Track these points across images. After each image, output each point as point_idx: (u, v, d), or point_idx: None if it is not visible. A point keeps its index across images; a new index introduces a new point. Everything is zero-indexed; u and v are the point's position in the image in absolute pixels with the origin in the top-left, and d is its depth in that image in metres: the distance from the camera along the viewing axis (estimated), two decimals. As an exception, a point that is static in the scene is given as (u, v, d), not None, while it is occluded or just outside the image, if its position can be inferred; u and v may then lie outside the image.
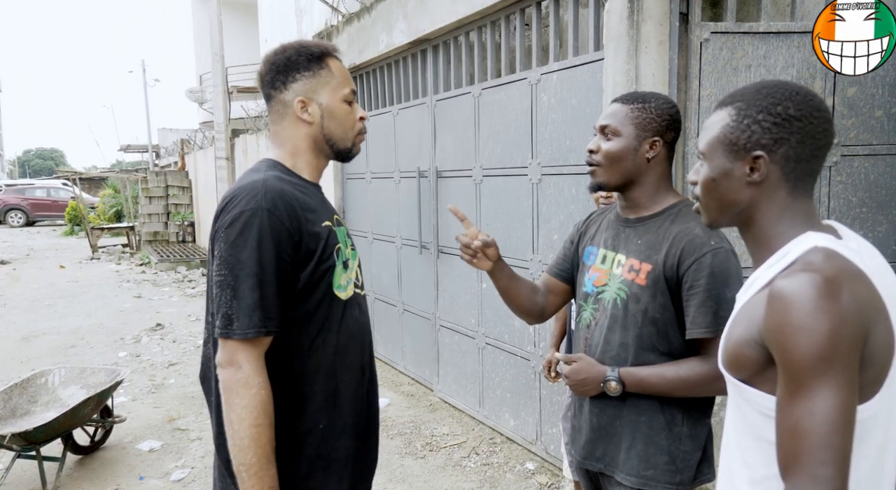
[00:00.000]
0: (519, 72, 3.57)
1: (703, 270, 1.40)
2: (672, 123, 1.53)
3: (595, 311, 1.59)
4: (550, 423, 3.47)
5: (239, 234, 1.23)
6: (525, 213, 3.55)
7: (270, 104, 1.41)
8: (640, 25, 2.66)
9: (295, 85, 1.36)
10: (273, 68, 1.38)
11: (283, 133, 1.40)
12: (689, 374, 1.42)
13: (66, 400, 3.85)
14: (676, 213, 1.52)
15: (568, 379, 1.56)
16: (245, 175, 1.35)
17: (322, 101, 1.38)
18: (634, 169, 1.52)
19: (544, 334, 3.48)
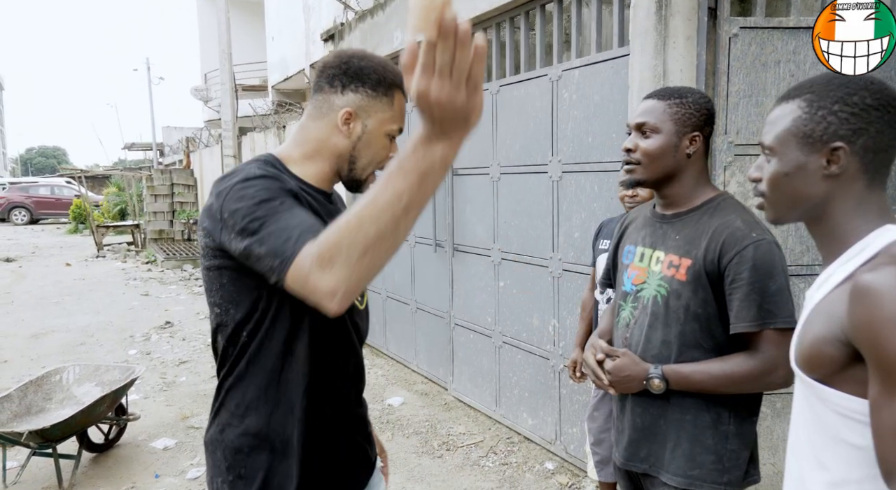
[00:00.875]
0: (539, 68, 3.54)
1: (746, 263, 1.37)
2: (710, 118, 1.53)
3: (634, 310, 1.57)
4: (570, 423, 3.44)
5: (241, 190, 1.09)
6: (545, 210, 3.52)
7: (315, 97, 1.30)
8: (668, 20, 2.64)
9: (352, 95, 1.25)
10: (342, 68, 1.27)
11: (312, 131, 1.29)
12: (735, 369, 1.40)
13: (81, 398, 3.83)
14: (715, 206, 1.50)
15: (610, 375, 1.53)
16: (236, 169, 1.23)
17: (368, 124, 1.27)
18: (674, 165, 1.51)
19: (564, 333, 3.45)
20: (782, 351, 1.35)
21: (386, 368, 5.37)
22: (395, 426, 4.12)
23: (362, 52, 1.30)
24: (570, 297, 3.39)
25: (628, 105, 2.86)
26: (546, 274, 3.55)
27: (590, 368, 1.58)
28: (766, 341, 1.38)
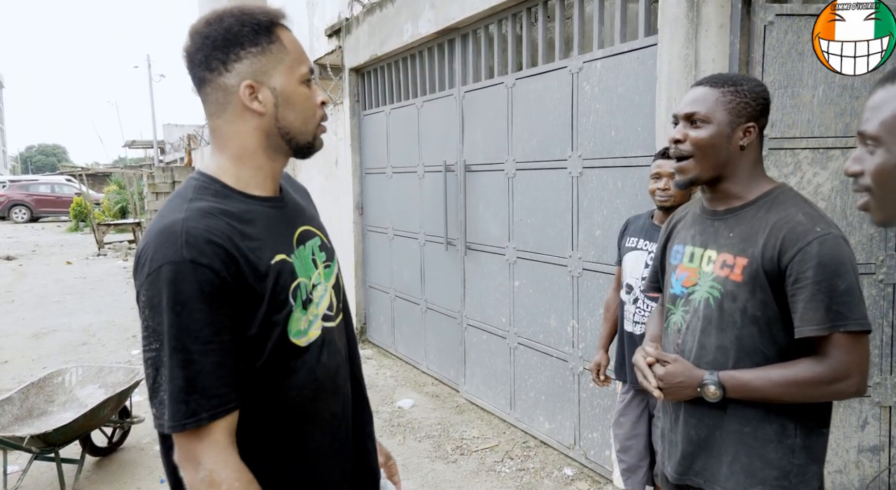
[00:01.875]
0: (558, 60, 3.42)
1: (810, 261, 1.26)
2: (766, 107, 1.42)
3: (686, 314, 1.45)
4: (590, 427, 3.33)
5: (156, 297, 0.97)
6: (563, 208, 3.41)
7: (204, 91, 1.09)
8: (700, 7, 2.52)
9: (239, 65, 1.05)
10: (207, 43, 1.05)
11: (224, 129, 1.09)
12: (801, 375, 1.28)
13: (84, 400, 3.72)
14: (773, 200, 1.38)
15: (661, 381, 1.41)
16: (164, 209, 1.07)
17: (275, 84, 1.08)
18: (727, 158, 1.39)
19: (584, 335, 3.34)
20: (854, 356, 1.26)
21: (395, 369, 5.25)
22: (407, 429, 4.01)
23: (213, 16, 1.07)
24: (590, 297, 3.27)
25: (656, 97, 2.74)
26: (565, 273, 3.44)
27: (641, 373, 1.46)
28: (835, 346, 1.26)
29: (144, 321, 1.00)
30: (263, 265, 1.05)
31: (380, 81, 5.54)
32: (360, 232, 5.98)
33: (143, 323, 1.00)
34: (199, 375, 0.97)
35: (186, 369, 0.97)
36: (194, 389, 0.97)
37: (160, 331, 0.97)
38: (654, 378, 1.42)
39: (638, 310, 2.44)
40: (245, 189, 1.11)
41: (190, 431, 0.97)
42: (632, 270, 2.47)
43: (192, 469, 0.98)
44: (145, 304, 0.99)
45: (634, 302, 2.46)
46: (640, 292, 2.44)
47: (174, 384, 0.96)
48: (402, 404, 4.43)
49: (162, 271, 0.97)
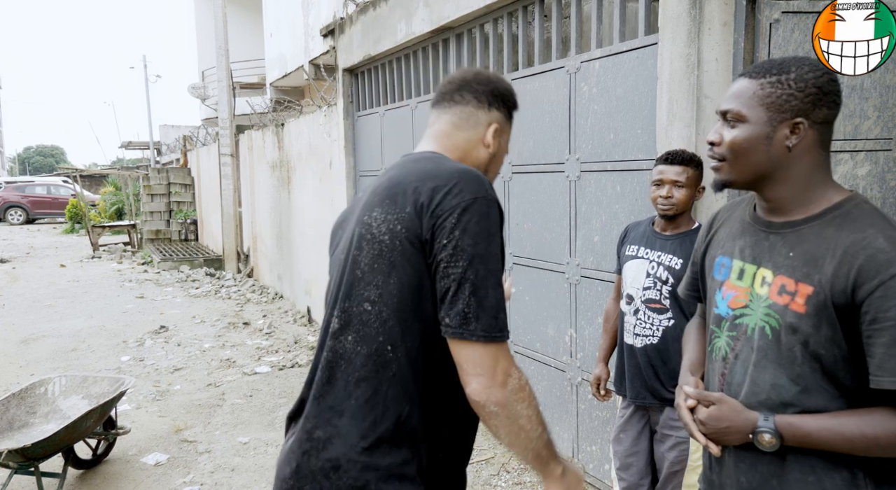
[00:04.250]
0: (555, 60, 3.31)
1: (894, 298, 1.05)
2: (822, 97, 1.16)
3: (733, 340, 1.26)
4: (589, 440, 3.22)
5: (478, 223, 1.13)
6: (561, 213, 3.30)
7: (459, 108, 1.34)
8: (703, 5, 2.41)
9: (496, 113, 1.35)
10: (490, 85, 1.35)
11: (458, 140, 1.34)
12: (879, 432, 1.09)
13: (67, 411, 3.61)
14: (844, 214, 1.15)
15: (704, 426, 1.24)
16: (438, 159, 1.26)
17: (502, 142, 1.38)
18: (769, 162, 1.19)
19: (582, 344, 3.23)
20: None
21: (389, 376, 5.14)
22: (400, 440, 3.90)
23: (497, 75, 1.39)
24: (589, 305, 3.16)
25: (657, 98, 2.63)
26: (562, 280, 3.33)
27: (682, 419, 1.30)
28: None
29: (452, 240, 1.11)
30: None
31: (374, 82, 5.43)
32: (354, 235, 5.86)
33: (450, 242, 1.12)
34: (501, 299, 1.13)
35: (497, 289, 1.12)
36: (500, 309, 1.13)
37: (473, 251, 1.11)
38: (696, 423, 1.26)
39: (639, 322, 2.33)
40: None
41: (499, 343, 1.12)
42: (632, 280, 2.36)
43: (503, 381, 1.11)
44: (458, 226, 1.11)
45: (635, 313, 2.35)
46: (642, 303, 2.33)
47: (489, 301, 1.11)
48: (396, 413, 4.31)
49: (478, 202, 1.14)
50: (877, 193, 2.36)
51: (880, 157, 2.34)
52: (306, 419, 1.22)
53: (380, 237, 1.17)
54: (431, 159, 1.26)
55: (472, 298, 1.10)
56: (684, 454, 2.27)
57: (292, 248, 7.81)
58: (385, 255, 1.16)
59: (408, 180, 1.19)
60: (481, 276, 1.10)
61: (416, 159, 1.29)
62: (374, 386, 1.17)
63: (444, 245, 1.12)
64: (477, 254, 1.11)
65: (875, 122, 2.32)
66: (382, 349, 1.16)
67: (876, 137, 2.33)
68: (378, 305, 1.17)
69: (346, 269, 1.23)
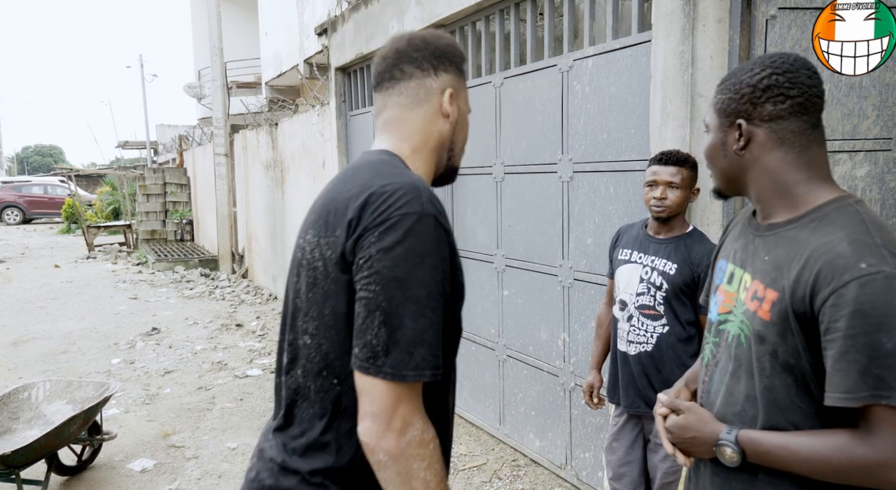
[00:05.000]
0: (547, 58, 3.24)
1: (844, 307, 0.96)
2: (760, 94, 1.10)
3: (716, 347, 1.21)
4: (583, 447, 3.15)
5: (402, 242, 0.98)
6: (554, 214, 3.22)
7: (404, 84, 1.18)
8: (697, 1, 2.34)
9: (445, 75, 1.20)
10: (429, 47, 1.19)
11: (413, 122, 1.19)
12: (834, 456, 0.99)
13: (51, 417, 3.53)
14: (822, 217, 1.07)
15: (671, 434, 1.20)
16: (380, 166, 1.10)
17: (461, 105, 1.23)
18: (730, 167, 1.17)
19: (575, 348, 3.16)
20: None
21: (382, 379, 5.06)
22: (392, 445, 3.82)
23: (429, 33, 1.22)
24: (582, 309, 3.09)
25: (650, 97, 2.56)
26: (555, 283, 3.26)
27: (656, 427, 1.26)
28: (881, 422, 0.95)
29: (368, 261, 0.98)
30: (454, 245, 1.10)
31: (366, 81, 5.36)
32: (347, 236, 5.79)
33: (366, 262, 0.98)
34: (426, 331, 0.97)
35: (420, 321, 0.97)
36: (420, 343, 0.96)
37: (388, 275, 0.97)
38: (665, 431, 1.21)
39: (633, 328, 2.26)
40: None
41: (408, 384, 0.97)
42: (626, 285, 2.29)
43: (400, 429, 0.96)
44: (375, 244, 0.98)
45: (629, 319, 2.28)
46: (636, 309, 2.26)
47: (403, 333, 0.96)
48: (387, 418, 4.24)
49: (407, 218, 0.99)
50: (876, 194, 2.29)
51: (880, 158, 2.27)
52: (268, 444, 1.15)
53: (313, 263, 1.07)
54: (373, 167, 1.10)
55: (382, 329, 0.96)
56: (678, 465, 2.20)
57: (286, 248, 7.73)
58: (319, 284, 1.05)
59: (341, 197, 1.06)
60: (397, 304, 0.96)
61: (357, 167, 1.14)
62: (328, 422, 1.06)
63: (361, 266, 0.99)
64: (395, 277, 0.96)
65: (874, 121, 2.25)
66: (328, 384, 1.06)
67: (875, 137, 2.26)
68: (317, 338, 1.06)
69: (288, 298, 1.14)
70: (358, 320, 0.99)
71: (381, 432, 0.96)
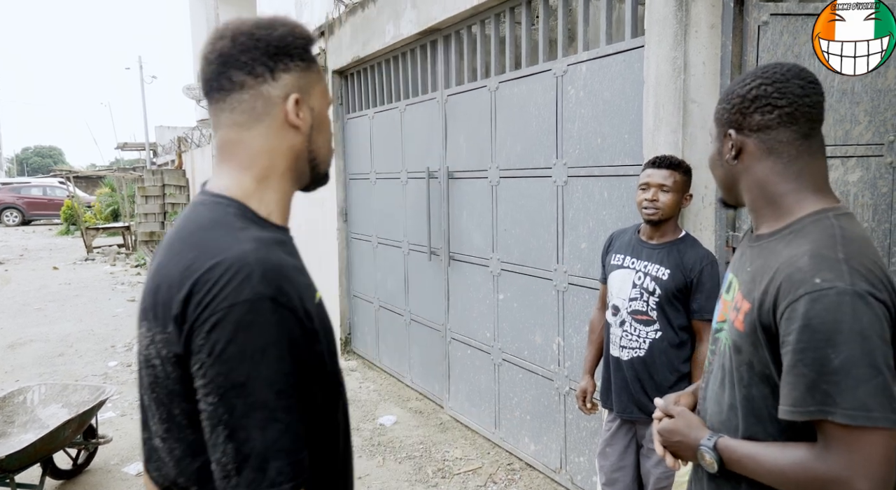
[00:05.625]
0: (542, 63, 3.24)
1: (796, 321, 0.96)
2: (748, 104, 1.11)
3: (712, 355, 1.24)
4: (577, 451, 3.15)
5: (233, 341, 0.83)
6: (548, 218, 3.23)
7: (236, 97, 0.95)
8: (690, 7, 2.34)
9: (287, 77, 0.96)
10: (256, 47, 0.94)
11: (253, 144, 0.96)
12: (792, 468, 0.99)
13: (46, 421, 3.53)
14: (798, 230, 1.07)
15: (661, 437, 1.23)
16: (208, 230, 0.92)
17: (314, 104, 1.00)
18: (726, 176, 1.19)
19: (570, 353, 3.16)
20: (860, 457, 0.93)
21: (379, 382, 5.07)
22: (387, 449, 3.83)
23: (261, 20, 0.97)
24: (576, 313, 3.10)
25: (643, 102, 2.56)
26: (550, 287, 3.26)
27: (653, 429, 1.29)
28: (832, 438, 0.95)
29: (201, 368, 0.84)
30: (315, 307, 0.94)
31: (363, 84, 5.36)
32: (344, 239, 5.79)
33: (200, 369, 0.84)
34: (279, 439, 0.83)
35: (270, 427, 0.83)
36: (274, 455, 0.83)
37: (224, 383, 0.83)
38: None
39: (626, 333, 2.26)
40: (268, 217, 0.98)
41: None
42: (618, 291, 2.29)
43: None
44: (205, 348, 0.83)
45: (621, 325, 2.28)
46: (628, 314, 2.26)
47: (252, 446, 0.82)
48: (383, 421, 4.24)
49: (235, 310, 0.83)
50: (868, 200, 2.29)
51: (872, 163, 2.27)
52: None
53: (151, 361, 0.92)
54: (200, 236, 0.91)
55: (228, 445, 0.83)
56: (671, 470, 2.19)
57: (284, 251, 7.73)
58: (161, 384, 0.91)
59: (166, 283, 0.89)
60: (239, 415, 0.82)
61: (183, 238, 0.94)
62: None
63: (196, 372, 0.85)
64: (233, 384, 0.82)
65: (866, 126, 2.25)
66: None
67: (867, 143, 2.26)
68: (169, 441, 0.93)
69: (139, 388, 1.00)
70: (206, 434, 0.86)
71: None
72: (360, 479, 3.47)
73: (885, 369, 0.93)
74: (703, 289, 2.16)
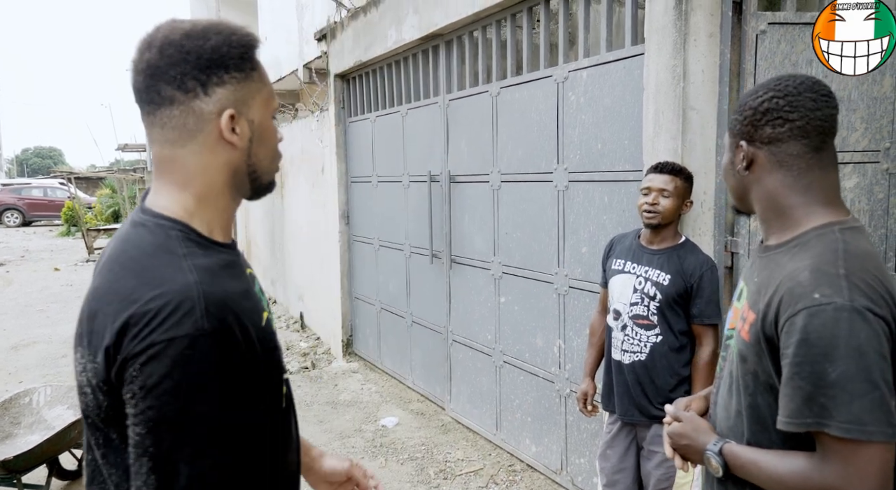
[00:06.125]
0: (543, 69, 3.28)
1: (794, 335, 0.99)
2: (760, 117, 1.12)
3: (723, 361, 1.28)
4: (578, 452, 3.19)
5: (169, 375, 0.80)
6: (549, 222, 3.27)
7: (167, 113, 0.91)
8: (689, 16, 2.38)
9: (221, 90, 0.91)
10: (187, 60, 0.89)
11: (189, 162, 0.93)
12: (788, 475, 1.03)
13: (52, 422, 3.56)
14: (802, 244, 1.09)
15: (670, 439, 1.27)
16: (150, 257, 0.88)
17: (253, 116, 0.96)
18: (738, 186, 1.21)
19: (571, 355, 3.20)
20: (855, 469, 0.96)
21: (380, 384, 5.11)
22: (389, 450, 3.86)
23: (192, 27, 0.92)
24: (577, 316, 3.14)
25: (643, 109, 2.60)
26: (551, 290, 3.30)
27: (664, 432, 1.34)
28: (829, 450, 0.98)
29: (132, 398, 0.82)
30: (260, 331, 0.93)
31: (365, 88, 5.40)
32: (346, 242, 5.83)
33: (131, 399, 0.82)
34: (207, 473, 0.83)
35: (193, 465, 0.81)
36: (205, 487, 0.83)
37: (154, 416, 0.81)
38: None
39: (627, 337, 2.30)
40: (211, 235, 0.95)
41: None
42: (619, 295, 2.33)
43: None
44: (137, 379, 0.81)
45: (623, 329, 2.32)
46: (629, 318, 2.30)
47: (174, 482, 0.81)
48: (385, 422, 4.28)
49: (173, 345, 0.80)
50: (865, 206, 2.33)
51: (868, 170, 2.31)
52: None
53: (83, 388, 0.90)
54: (139, 262, 0.88)
55: (151, 477, 0.81)
56: (671, 472, 2.24)
57: (285, 253, 7.77)
58: (93, 411, 0.90)
59: (103, 308, 0.87)
60: (167, 449, 0.80)
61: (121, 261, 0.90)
62: None
63: (127, 401, 0.83)
64: (164, 418, 0.80)
65: (863, 133, 2.29)
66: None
67: (864, 149, 2.30)
68: (107, 467, 0.91)
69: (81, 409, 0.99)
70: (130, 460, 0.84)
71: None
72: (363, 480, 3.50)
73: (881, 384, 0.95)
74: (703, 293, 2.20)
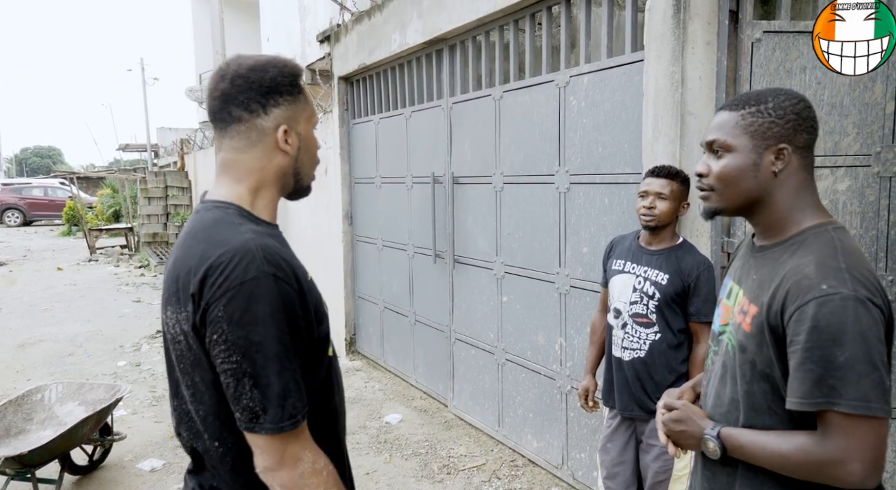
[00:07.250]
0: (545, 74, 3.37)
1: (805, 323, 1.08)
2: (801, 123, 1.21)
3: (714, 355, 1.37)
4: (578, 448, 3.27)
5: (247, 310, 1.05)
6: (551, 223, 3.35)
7: (236, 128, 1.19)
8: (686, 24, 2.47)
9: (277, 111, 1.19)
10: (250, 88, 1.17)
11: (249, 164, 1.20)
12: (792, 453, 1.13)
13: (64, 418, 3.64)
14: (801, 241, 1.20)
15: (665, 427, 1.35)
16: (214, 228, 1.14)
17: (300, 130, 1.24)
18: (758, 188, 1.23)
19: (572, 353, 3.28)
20: (855, 441, 1.06)
21: (384, 382, 5.19)
22: (394, 446, 3.95)
23: (254, 63, 1.19)
24: (578, 315, 3.22)
25: (642, 114, 2.68)
26: (552, 290, 3.38)
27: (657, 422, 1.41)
28: (832, 426, 1.08)
29: (222, 335, 1.05)
30: (309, 282, 1.18)
31: (368, 90, 5.48)
32: (349, 242, 5.91)
33: (220, 336, 1.05)
34: (290, 382, 1.07)
35: (283, 374, 1.06)
36: (289, 394, 1.07)
37: (245, 343, 1.04)
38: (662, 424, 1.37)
39: (627, 335, 2.38)
40: (260, 217, 1.22)
41: (288, 432, 1.07)
42: (619, 295, 2.41)
43: (291, 465, 1.08)
44: (224, 318, 1.05)
45: (623, 327, 2.40)
46: (629, 317, 2.38)
47: (271, 391, 1.06)
48: (389, 419, 4.36)
49: (245, 286, 1.05)
50: (856, 208, 2.41)
51: (860, 173, 2.40)
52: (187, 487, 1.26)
53: (177, 338, 1.13)
54: (209, 232, 1.13)
55: (254, 392, 1.05)
56: (668, 464, 2.32)
57: (288, 252, 7.84)
58: (186, 356, 1.13)
59: (183, 271, 1.11)
60: (260, 366, 1.05)
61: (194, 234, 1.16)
62: (222, 478, 1.17)
63: (216, 340, 1.06)
64: (252, 343, 1.05)
65: (854, 138, 2.38)
66: (211, 446, 1.15)
67: (855, 153, 2.39)
68: (195, 404, 1.15)
69: (167, 364, 1.23)
70: (230, 390, 1.07)
71: (274, 470, 1.08)
72: (368, 475, 3.59)
73: (881, 366, 1.06)
74: (700, 293, 2.28)
